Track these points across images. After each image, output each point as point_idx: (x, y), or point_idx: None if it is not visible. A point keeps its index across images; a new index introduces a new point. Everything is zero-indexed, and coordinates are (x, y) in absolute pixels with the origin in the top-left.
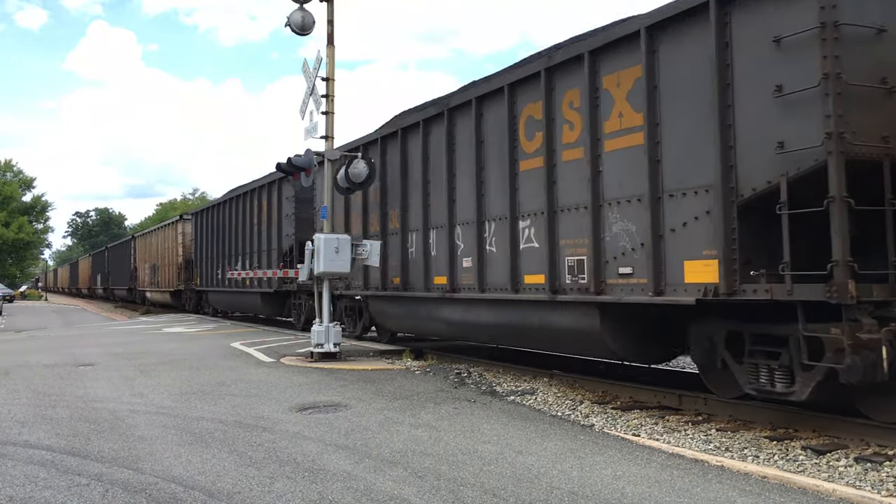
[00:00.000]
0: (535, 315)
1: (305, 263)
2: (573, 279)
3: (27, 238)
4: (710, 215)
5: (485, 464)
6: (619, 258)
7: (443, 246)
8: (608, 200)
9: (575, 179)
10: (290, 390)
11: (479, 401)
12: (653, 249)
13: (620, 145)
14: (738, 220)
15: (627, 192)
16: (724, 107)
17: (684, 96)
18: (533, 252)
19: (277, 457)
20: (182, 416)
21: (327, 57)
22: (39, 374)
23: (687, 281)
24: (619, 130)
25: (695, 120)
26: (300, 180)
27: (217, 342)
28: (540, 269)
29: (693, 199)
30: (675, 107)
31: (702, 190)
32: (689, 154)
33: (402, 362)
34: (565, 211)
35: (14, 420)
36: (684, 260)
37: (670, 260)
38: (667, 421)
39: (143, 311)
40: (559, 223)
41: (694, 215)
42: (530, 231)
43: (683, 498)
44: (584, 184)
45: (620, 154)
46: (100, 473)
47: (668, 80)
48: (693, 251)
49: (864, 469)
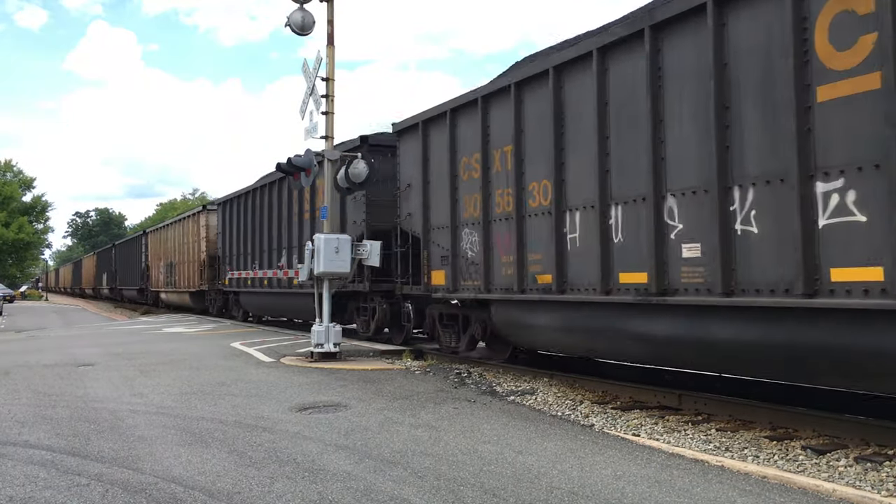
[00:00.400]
0: (868, 334)
1: (305, 263)
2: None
3: (27, 238)
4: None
5: (485, 464)
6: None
7: (639, 227)
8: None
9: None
10: (290, 390)
11: (479, 401)
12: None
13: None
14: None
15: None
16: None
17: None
18: (852, 229)
19: (277, 457)
20: (182, 416)
21: (327, 57)
22: (39, 374)
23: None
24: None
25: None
26: (300, 180)
27: (217, 342)
28: (873, 255)
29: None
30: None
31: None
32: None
33: (402, 362)
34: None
35: (14, 420)
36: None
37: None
38: (667, 421)
39: (143, 312)
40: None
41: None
42: (847, 196)
43: (683, 498)
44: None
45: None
46: (100, 473)
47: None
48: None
49: (864, 469)
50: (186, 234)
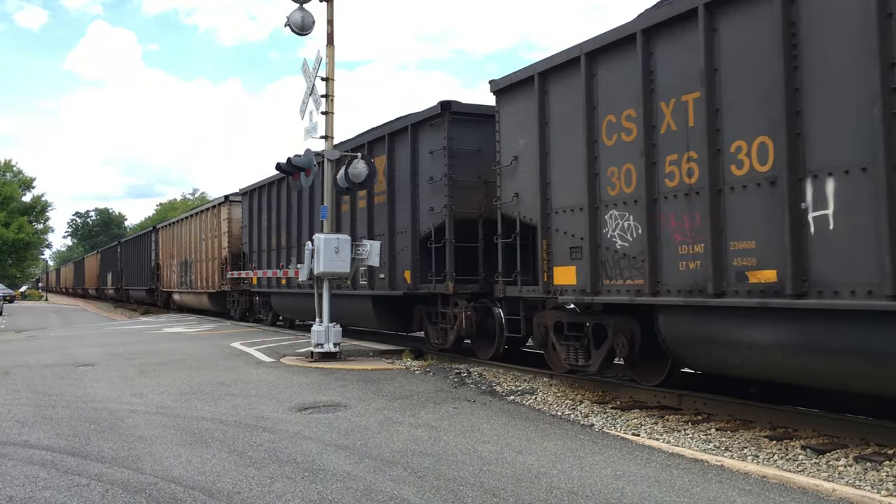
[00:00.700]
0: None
1: (305, 263)
2: None
3: (27, 238)
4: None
5: (485, 463)
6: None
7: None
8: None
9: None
10: (290, 390)
11: (479, 401)
12: None
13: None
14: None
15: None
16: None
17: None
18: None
19: (277, 457)
20: (182, 416)
21: (327, 57)
22: (39, 374)
23: None
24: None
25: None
26: (300, 180)
27: (217, 342)
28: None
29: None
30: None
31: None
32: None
33: (401, 362)
34: None
35: (14, 420)
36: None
37: None
38: (666, 420)
39: (143, 312)
40: None
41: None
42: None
43: (683, 497)
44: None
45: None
46: (100, 473)
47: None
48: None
49: (864, 468)
50: (205, 228)
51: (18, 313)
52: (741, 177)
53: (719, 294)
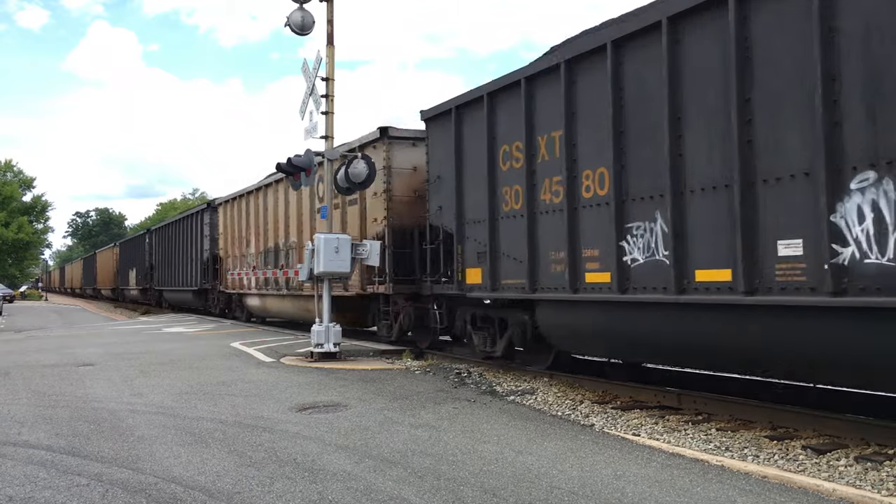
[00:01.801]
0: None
1: (305, 263)
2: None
3: (27, 238)
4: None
5: (485, 464)
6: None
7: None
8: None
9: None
10: (290, 390)
11: (479, 401)
12: None
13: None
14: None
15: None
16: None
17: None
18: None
19: (277, 457)
20: (182, 416)
21: (327, 57)
22: (39, 374)
23: None
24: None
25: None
26: (300, 180)
27: (217, 342)
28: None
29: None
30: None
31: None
32: None
33: (402, 362)
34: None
35: (14, 420)
36: None
37: None
38: (667, 420)
39: (143, 312)
40: None
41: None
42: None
43: (683, 498)
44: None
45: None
46: (100, 473)
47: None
48: None
49: (865, 468)
50: (314, 198)
51: (18, 313)
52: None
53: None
